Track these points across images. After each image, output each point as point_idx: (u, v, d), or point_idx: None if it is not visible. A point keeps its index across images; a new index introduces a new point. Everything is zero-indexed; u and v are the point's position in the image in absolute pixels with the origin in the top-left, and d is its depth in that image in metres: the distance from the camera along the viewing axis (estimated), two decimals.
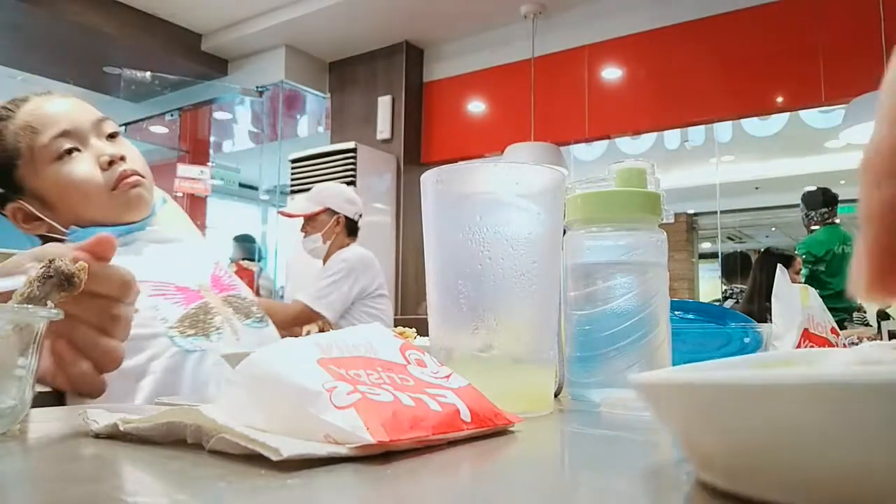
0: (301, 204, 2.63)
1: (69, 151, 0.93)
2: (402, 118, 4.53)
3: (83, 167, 0.93)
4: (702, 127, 4.24)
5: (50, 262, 0.42)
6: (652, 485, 0.28)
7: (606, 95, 4.01)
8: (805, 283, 3.20)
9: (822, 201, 3.80)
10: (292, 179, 4.47)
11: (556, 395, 0.58)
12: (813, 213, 3.83)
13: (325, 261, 2.57)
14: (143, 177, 0.98)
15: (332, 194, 2.60)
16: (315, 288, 2.43)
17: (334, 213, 2.55)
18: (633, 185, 0.56)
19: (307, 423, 0.32)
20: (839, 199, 3.79)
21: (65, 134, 0.93)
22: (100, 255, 0.53)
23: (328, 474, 0.29)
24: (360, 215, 2.64)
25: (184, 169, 4.69)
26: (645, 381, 0.24)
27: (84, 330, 0.56)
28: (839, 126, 3.23)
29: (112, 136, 0.99)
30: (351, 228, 2.60)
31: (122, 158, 0.96)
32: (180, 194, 4.46)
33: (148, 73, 4.61)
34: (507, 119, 4.32)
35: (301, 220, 2.60)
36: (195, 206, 4.92)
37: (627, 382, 0.24)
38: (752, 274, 3.58)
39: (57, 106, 0.96)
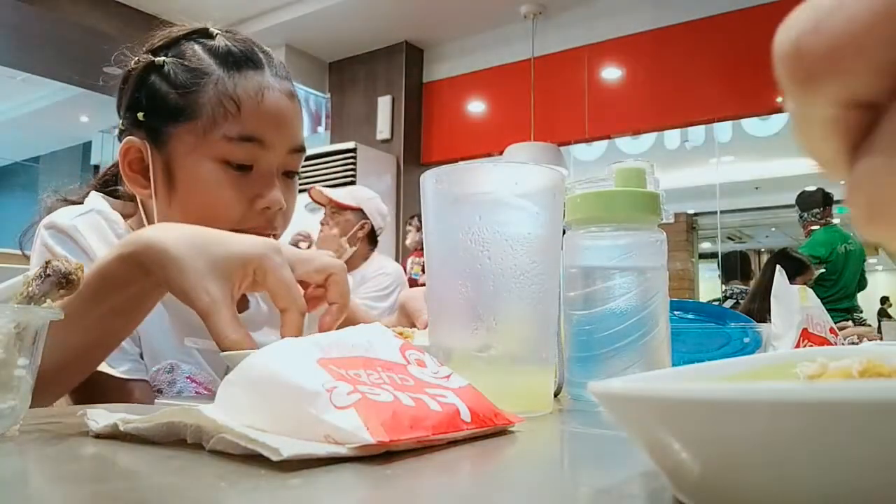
0: (334, 192, 2.60)
1: (242, 167, 0.75)
2: (402, 118, 4.53)
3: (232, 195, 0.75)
4: (702, 127, 4.23)
5: (47, 262, 0.42)
6: (652, 485, 0.28)
7: (606, 95, 4.01)
8: (811, 286, 3.18)
9: (815, 201, 3.78)
10: None
11: (556, 395, 0.58)
12: (806, 214, 3.81)
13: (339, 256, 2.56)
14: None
15: (367, 198, 2.58)
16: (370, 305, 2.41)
17: (363, 217, 2.52)
18: (632, 185, 0.56)
19: (307, 423, 0.32)
20: (836, 199, 3.76)
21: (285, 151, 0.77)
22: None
23: (328, 474, 0.29)
24: (382, 231, 2.63)
25: None
26: (607, 392, 0.22)
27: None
28: None
29: (289, 174, 0.81)
30: (371, 239, 2.58)
31: (281, 210, 0.78)
32: None
33: None
34: (507, 119, 4.32)
35: (321, 215, 2.57)
36: None
37: (589, 390, 0.23)
38: (762, 272, 3.53)
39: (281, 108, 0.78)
